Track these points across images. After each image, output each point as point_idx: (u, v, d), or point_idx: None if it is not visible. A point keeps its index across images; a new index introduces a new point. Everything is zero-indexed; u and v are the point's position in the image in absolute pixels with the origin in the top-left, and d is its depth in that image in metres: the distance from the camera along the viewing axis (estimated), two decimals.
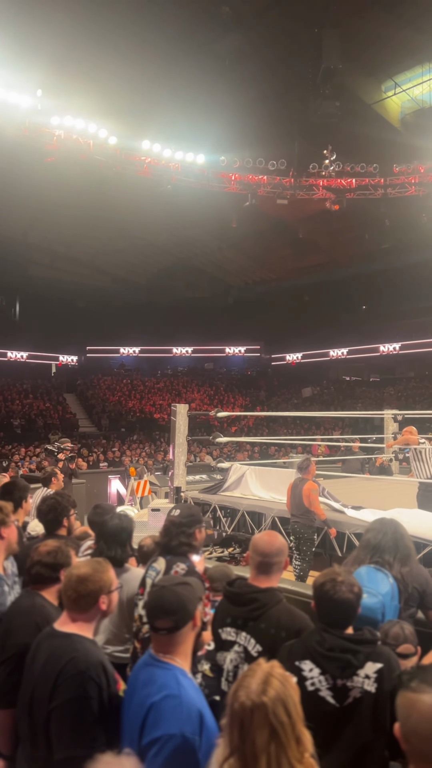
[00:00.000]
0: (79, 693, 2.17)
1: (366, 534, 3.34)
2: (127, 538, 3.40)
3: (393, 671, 2.22)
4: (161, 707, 1.98)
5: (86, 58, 17.99)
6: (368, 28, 19.35)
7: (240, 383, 33.96)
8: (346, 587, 2.31)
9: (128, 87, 19.12)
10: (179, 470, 9.28)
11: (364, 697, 2.18)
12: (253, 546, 2.72)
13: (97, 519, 3.67)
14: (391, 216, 22.16)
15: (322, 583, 2.35)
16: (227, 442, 12.67)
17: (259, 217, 24.25)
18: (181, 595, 2.17)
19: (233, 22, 18.98)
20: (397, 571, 3.11)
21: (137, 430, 25.13)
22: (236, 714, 1.56)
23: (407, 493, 9.50)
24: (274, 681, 1.60)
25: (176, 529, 3.08)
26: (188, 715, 1.96)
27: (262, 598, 2.58)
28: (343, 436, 19.45)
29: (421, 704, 1.34)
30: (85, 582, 2.31)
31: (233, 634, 2.58)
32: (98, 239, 29.43)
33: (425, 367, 30.63)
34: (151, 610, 2.18)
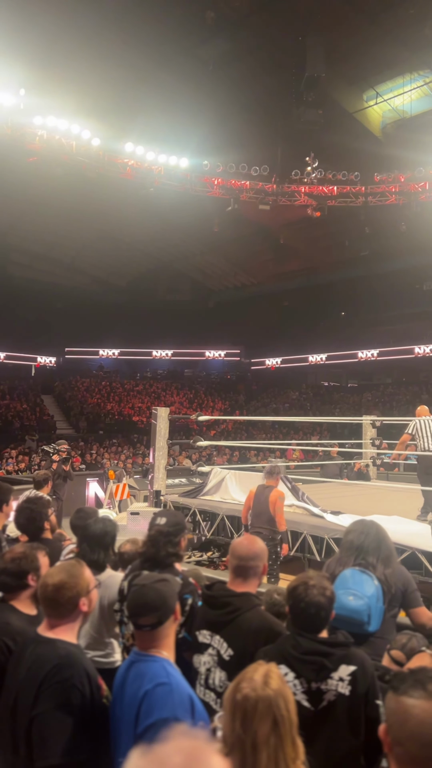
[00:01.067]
0: (62, 701, 2.15)
1: (348, 535, 3.34)
2: (111, 542, 3.38)
3: (367, 673, 2.26)
4: (153, 695, 2.04)
5: (70, 59, 17.92)
6: (352, 37, 19.58)
7: (219, 387, 33.99)
8: (318, 591, 2.34)
9: (112, 89, 19.08)
10: (159, 474, 9.25)
11: (338, 700, 2.20)
12: (232, 550, 2.73)
13: (80, 523, 3.65)
14: (371, 224, 22.40)
15: (294, 587, 2.38)
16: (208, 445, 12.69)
17: (241, 222, 24.34)
18: (161, 592, 2.22)
19: (218, 27, 19.06)
20: (380, 572, 3.14)
21: (116, 433, 25.00)
22: (239, 705, 1.60)
23: (385, 498, 9.61)
24: (275, 677, 1.67)
25: (163, 538, 3.03)
26: (180, 701, 2.03)
27: (236, 602, 2.59)
28: (321, 441, 19.58)
29: (418, 709, 1.34)
30: (61, 590, 2.29)
31: (208, 637, 2.59)
32: (79, 241, 29.29)
33: (402, 373, 31.01)
34: (134, 608, 2.22)
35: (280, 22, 19.21)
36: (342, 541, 3.40)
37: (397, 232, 22.35)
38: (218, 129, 20.60)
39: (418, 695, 1.36)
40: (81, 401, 28.29)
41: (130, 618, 2.26)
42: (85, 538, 3.33)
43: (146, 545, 3.07)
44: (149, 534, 3.10)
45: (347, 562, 3.20)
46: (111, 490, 11.82)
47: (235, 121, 21.07)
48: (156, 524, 3.09)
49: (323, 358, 33.02)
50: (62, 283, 32.37)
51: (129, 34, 18.39)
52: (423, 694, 1.37)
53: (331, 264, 30.44)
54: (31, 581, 2.72)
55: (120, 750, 2.10)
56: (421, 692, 1.37)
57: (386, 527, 5.85)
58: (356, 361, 31.57)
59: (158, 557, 3.01)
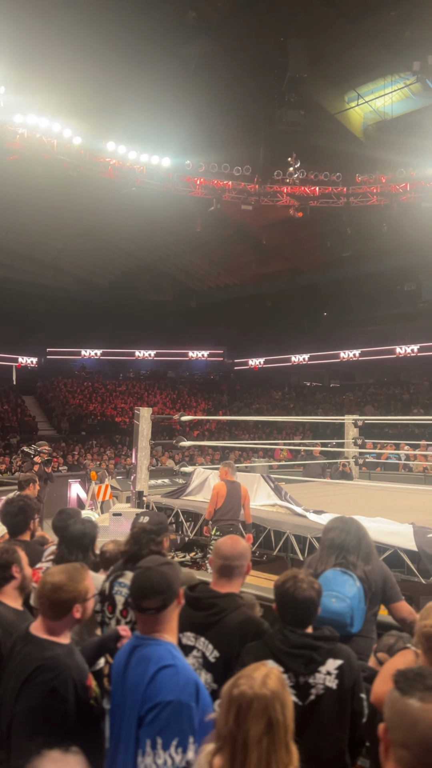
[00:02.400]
0: (40, 702, 2.14)
1: (328, 533, 3.32)
2: (90, 544, 3.34)
3: (353, 668, 2.28)
4: (159, 677, 2.02)
5: (51, 57, 17.79)
6: (333, 39, 19.69)
7: (203, 387, 33.97)
8: (307, 585, 2.35)
9: (94, 87, 18.97)
10: (142, 474, 9.20)
11: (325, 694, 2.21)
12: (216, 549, 2.72)
13: (61, 524, 3.61)
14: (352, 225, 22.54)
15: (283, 582, 2.38)
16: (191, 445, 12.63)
17: (223, 222, 24.35)
18: (167, 575, 2.20)
19: (200, 27, 19.06)
20: (361, 570, 3.15)
21: (98, 434, 24.86)
22: (234, 700, 1.59)
23: (368, 497, 9.66)
24: (275, 678, 1.66)
25: (146, 536, 2.99)
26: (186, 684, 2.00)
27: (220, 604, 2.57)
28: (304, 441, 19.65)
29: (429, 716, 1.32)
30: (58, 591, 2.28)
31: (192, 639, 2.56)
32: (61, 240, 29.07)
33: (384, 373, 31.23)
34: (138, 591, 2.19)
35: (261, 23, 19.26)
36: (322, 539, 3.38)
37: (379, 233, 22.53)
38: (200, 129, 20.59)
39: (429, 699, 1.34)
40: (63, 402, 28.10)
41: (133, 601, 2.22)
42: (64, 539, 3.30)
43: (129, 543, 3.03)
44: (132, 532, 3.06)
45: (328, 560, 3.20)
46: (93, 491, 11.73)
47: (217, 121, 21.07)
48: (139, 523, 3.07)
49: (306, 358, 33.16)
50: (44, 282, 32.10)
51: (110, 33, 18.30)
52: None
53: (313, 265, 30.58)
54: (15, 572, 2.73)
55: (120, 736, 2.09)
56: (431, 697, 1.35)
57: (368, 526, 5.89)
58: (338, 361, 31.74)
59: (141, 556, 2.98)
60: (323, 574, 3.11)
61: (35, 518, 3.77)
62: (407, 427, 21.58)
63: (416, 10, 17.88)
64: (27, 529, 3.70)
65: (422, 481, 12.19)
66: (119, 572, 3.00)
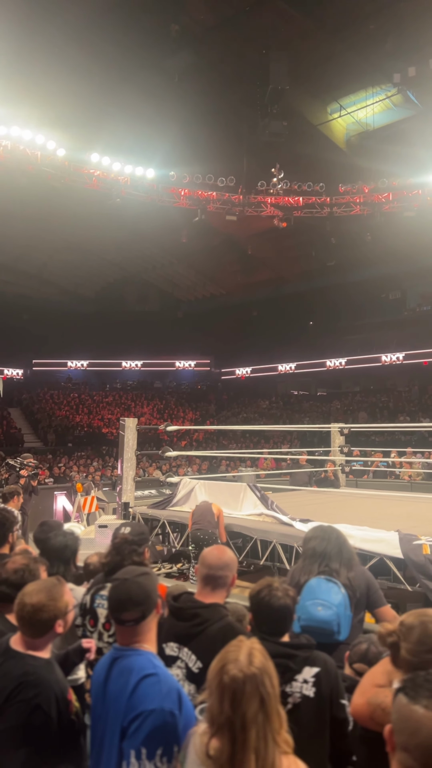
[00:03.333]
0: (23, 721, 2.11)
1: (309, 543, 3.34)
2: (71, 556, 3.32)
3: (330, 674, 2.27)
4: (141, 686, 2.00)
5: (34, 70, 17.82)
6: (315, 52, 19.92)
7: (190, 397, 33.94)
8: (282, 593, 2.35)
9: (78, 99, 19.03)
10: (127, 485, 9.15)
11: (303, 703, 2.20)
12: (201, 559, 2.70)
13: (42, 536, 3.58)
14: (336, 234, 22.71)
15: (258, 591, 2.38)
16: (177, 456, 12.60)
17: (208, 233, 24.44)
18: (144, 586, 2.19)
19: (183, 40, 19.20)
20: (344, 577, 3.16)
21: (85, 445, 24.72)
22: (227, 686, 1.63)
23: (355, 504, 9.67)
24: (258, 654, 1.70)
25: (128, 547, 2.97)
26: (168, 692, 1.99)
27: (204, 614, 2.54)
28: (291, 449, 19.67)
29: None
30: (39, 612, 2.26)
31: (176, 650, 2.54)
32: (46, 251, 29.03)
33: (370, 381, 31.40)
34: (117, 603, 2.17)
35: (243, 36, 19.45)
36: (303, 548, 3.39)
37: (363, 243, 22.71)
38: (184, 140, 20.70)
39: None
40: (49, 414, 27.93)
41: (111, 614, 2.20)
42: (46, 551, 3.27)
43: (111, 554, 3.00)
44: (114, 543, 3.03)
45: (311, 569, 3.20)
46: (79, 503, 11.64)
47: (200, 132, 21.20)
48: (121, 533, 3.05)
49: (292, 367, 33.28)
50: (29, 294, 32.01)
51: (94, 45, 18.38)
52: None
53: (298, 274, 30.76)
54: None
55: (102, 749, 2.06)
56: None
57: (354, 534, 5.91)
58: (325, 369, 31.88)
59: (122, 566, 2.96)
60: (308, 583, 3.10)
61: (14, 531, 3.72)
62: (394, 434, 21.68)
63: (395, 23, 18.16)
64: (5, 542, 3.65)
65: (408, 488, 12.23)
66: (100, 585, 2.96)
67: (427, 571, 5.54)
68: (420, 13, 17.67)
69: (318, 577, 3.12)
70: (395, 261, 26.59)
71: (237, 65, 20.78)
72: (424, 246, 24.00)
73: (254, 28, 18.94)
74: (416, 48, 18.57)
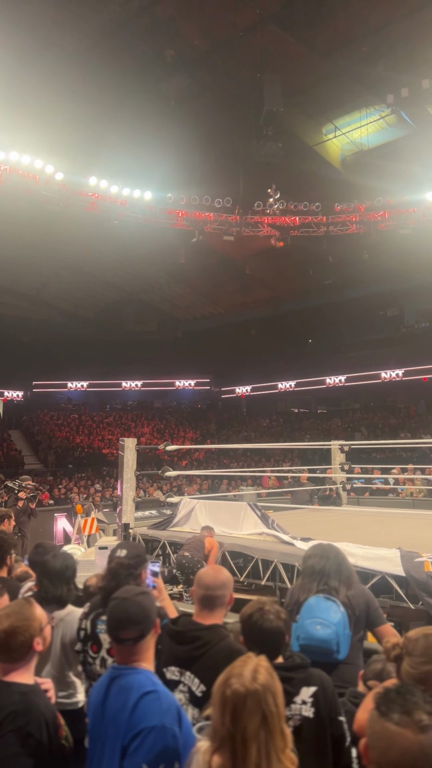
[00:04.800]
0: (15, 750, 2.09)
1: (308, 560, 3.32)
2: (72, 576, 3.29)
3: (327, 692, 2.24)
4: (142, 704, 2.00)
5: (32, 95, 18.07)
6: (308, 74, 20.21)
7: (190, 417, 33.91)
8: (274, 615, 2.32)
9: (75, 124, 19.28)
10: (127, 506, 9.11)
11: (303, 725, 2.17)
12: (197, 580, 2.68)
13: (38, 558, 3.54)
14: (333, 253, 22.87)
15: (250, 614, 2.35)
16: (177, 475, 12.56)
17: (206, 253, 24.61)
18: (143, 605, 2.19)
19: (178, 64, 19.49)
20: (343, 595, 3.13)
21: (85, 467, 24.65)
22: (229, 700, 1.63)
23: (356, 522, 9.61)
24: (264, 671, 1.70)
25: (125, 571, 2.91)
26: (168, 709, 1.99)
27: (205, 636, 2.51)
28: (292, 467, 19.59)
29: (402, 738, 1.35)
30: (13, 636, 2.22)
31: (177, 674, 2.50)
32: (44, 273, 29.18)
33: (369, 398, 31.40)
34: (116, 622, 2.17)
35: (237, 60, 19.75)
36: (302, 567, 3.37)
37: (360, 260, 22.86)
38: (181, 162, 20.92)
39: (404, 723, 1.36)
40: (49, 435, 27.89)
41: (110, 633, 2.20)
42: (45, 573, 3.24)
43: (106, 579, 2.95)
44: (109, 567, 2.98)
45: (311, 588, 3.17)
46: (79, 525, 11.57)
47: (197, 154, 21.43)
48: (116, 557, 3.00)
49: (292, 385, 33.29)
50: (28, 316, 32.12)
51: (91, 71, 18.66)
52: (409, 723, 1.36)
53: (296, 292, 30.90)
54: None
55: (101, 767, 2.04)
56: (408, 720, 1.37)
57: (355, 552, 5.87)
58: (324, 387, 31.89)
59: None
60: (306, 602, 3.08)
61: (11, 553, 3.70)
62: (395, 451, 21.61)
63: (387, 46, 18.44)
64: (3, 564, 3.63)
65: (410, 505, 12.16)
66: (101, 610, 2.89)
67: (429, 589, 5.49)
68: (411, 35, 17.98)
69: (317, 595, 3.09)
70: (392, 278, 26.73)
71: (232, 88, 21.08)
72: (421, 263, 24.15)
73: (248, 52, 19.23)
74: (408, 69, 18.85)
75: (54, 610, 3.17)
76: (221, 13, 18.00)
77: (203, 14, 18.25)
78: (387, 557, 5.90)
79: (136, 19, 17.94)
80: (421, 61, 18.51)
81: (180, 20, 18.42)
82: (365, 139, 22.73)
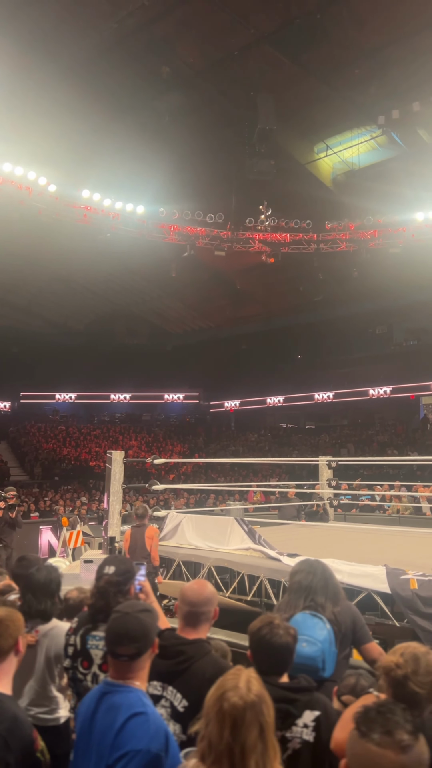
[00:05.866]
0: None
1: (295, 576, 3.30)
2: (56, 590, 3.26)
3: (330, 718, 2.22)
4: (129, 725, 1.98)
5: (27, 108, 18.18)
6: (301, 94, 20.49)
7: (178, 430, 33.85)
8: (284, 631, 2.32)
9: (69, 136, 19.39)
10: (114, 519, 9.06)
11: (303, 748, 2.15)
12: (181, 595, 2.65)
13: (23, 572, 3.50)
14: (324, 270, 23.06)
15: (259, 629, 2.33)
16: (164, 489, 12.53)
17: (198, 268, 24.72)
18: (144, 622, 2.17)
19: (173, 81, 19.70)
20: (330, 612, 3.12)
21: (72, 479, 24.49)
22: (228, 714, 1.62)
23: (342, 538, 9.61)
24: (256, 682, 1.70)
25: (113, 589, 2.85)
26: (156, 732, 1.97)
27: (188, 651, 2.49)
28: (279, 483, 19.57)
29: (383, 759, 1.35)
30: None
31: (159, 689, 2.46)
32: (35, 284, 29.14)
33: (357, 414, 31.52)
34: (114, 636, 2.15)
35: (231, 79, 20.00)
36: (289, 582, 3.36)
37: (350, 278, 23.06)
38: (174, 177, 21.08)
39: (386, 744, 1.36)
40: (36, 447, 27.71)
41: (107, 646, 2.18)
42: (29, 587, 3.21)
43: (95, 597, 2.89)
44: (97, 585, 2.91)
45: (297, 604, 3.16)
46: (64, 538, 11.48)
47: (190, 169, 21.60)
48: (104, 573, 2.94)
49: (281, 400, 33.37)
50: (18, 326, 32.00)
51: (87, 85, 18.82)
52: (390, 743, 1.36)
53: (286, 309, 31.08)
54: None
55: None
56: (389, 741, 1.36)
57: (341, 569, 5.87)
58: (313, 403, 32.01)
59: (109, 610, 2.87)
60: (293, 618, 3.06)
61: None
62: (382, 468, 21.67)
63: (379, 69, 18.78)
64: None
65: (397, 522, 12.18)
66: (90, 625, 2.84)
67: (414, 607, 5.49)
68: (402, 59, 18.32)
69: (303, 612, 3.07)
70: (381, 296, 26.97)
71: (226, 106, 21.32)
72: (409, 282, 24.40)
73: (242, 71, 19.49)
74: (399, 92, 19.19)
75: (38, 625, 3.14)
76: (217, 33, 18.24)
77: (199, 33, 18.50)
78: (373, 574, 5.90)
79: (133, 37, 18.15)
80: (412, 85, 18.86)
81: (176, 39, 18.66)
82: (356, 159, 23.04)
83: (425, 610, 5.44)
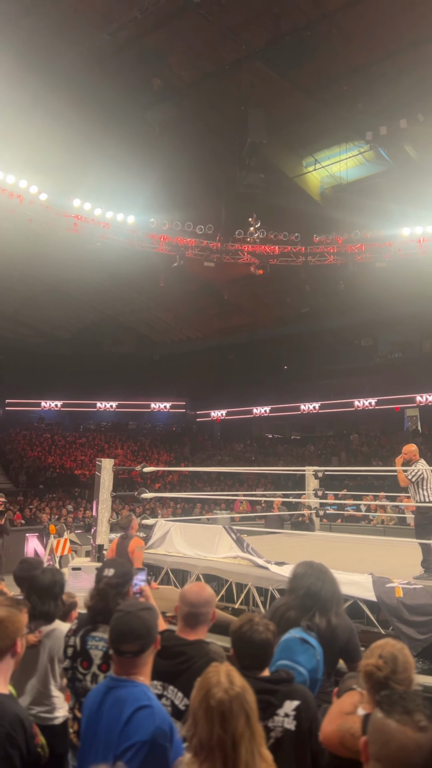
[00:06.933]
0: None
1: (302, 579, 3.18)
2: (60, 592, 3.34)
3: (310, 707, 2.32)
4: (136, 718, 2.06)
5: (19, 117, 18.26)
6: (291, 109, 20.80)
7: (165, 439, 33.83)
8: (263, 627, 2.40)
9: (61, 146, 19.46)
10: (102, 527, 9.09)
11: (285, 737, 2.24)
12: (181, 596, 2.73)
13: (26, 574, 3.57)
14: (311, 282, 23.30)
15: (240, 626, 2.42)
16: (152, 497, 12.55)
17: (186, 278, 24.84)
18: (146, 620, 2.26)
19: (164, 93, 19.92)
20: (332, 624, 3.05)
21: (57, 487, 24.38)
22: (216, 710, 1.70)
23: (329, 548, 9.71)
24: (236, 674, 1.79)
25: (113, 590, 2.92)
26: (161, 725, 2.05)
27: (189, 651, 2.57)
28: (266, 492, 19.66)
29: (402, 735, 1.48)
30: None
31: (160, 688, 2.54)
32: (23, 293, 29.05)
33: (343, 425, 31.74)
34: (118, 634, 2.24)
35: (222, 92, 20.24)
36: (295, 584, 3.21)
37: (337, 291, 23.32)
38: (164, 188, 21.24)
39: (405, 722, 1.50)
40: (21, 454, 27.56)
41: (111, 644, 2.26)
42: (34, 589, 3.27)
43: (95, 599, 2.95)
44: (97, 587, 2.98)
45: (311, 606, 3.08)
46: (51, 546, 11.48)
47: (180, 181, 21.78)
48: (104, 576, 2.99)
49: (267, 410, 33.52)
50: (4, 334, 31.88)
51: (78, 95, 18.95)
52: (409, 722, 1.50)
53: (273, 320, 31.28)
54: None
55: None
56: (408, 719, 1.51)
57: None
58: (299, 413, 32.19)
59: (108, 611, 2.87)
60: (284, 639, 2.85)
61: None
62: (366, 478, 21.84)
63: (367, 85, 19.15)
64: None
65: (382, 532, 12.32)
66: (90, 626, 2.90)
67: (399, 615, 5.58)
68: (390, 76, 18.69)
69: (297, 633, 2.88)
70: (367, 309, 27.27)
71: (216, 119, 21.57)
72: (395, 296, 24.72)
73: (233, 85, 19.74)
74: (387, 109, 19.57)
75: (41, 625, 3.21)
76: (208, 47, 18.50)
77: (191, 47, 18.75)
78: (359, 582, 5.99)
79: (126, 49, 18.33)
80: (400, 102, 19.25)
81: (168, 51, 18.88)
82: (344, 173, 23.39)
83: (410, 618, 5.53)
